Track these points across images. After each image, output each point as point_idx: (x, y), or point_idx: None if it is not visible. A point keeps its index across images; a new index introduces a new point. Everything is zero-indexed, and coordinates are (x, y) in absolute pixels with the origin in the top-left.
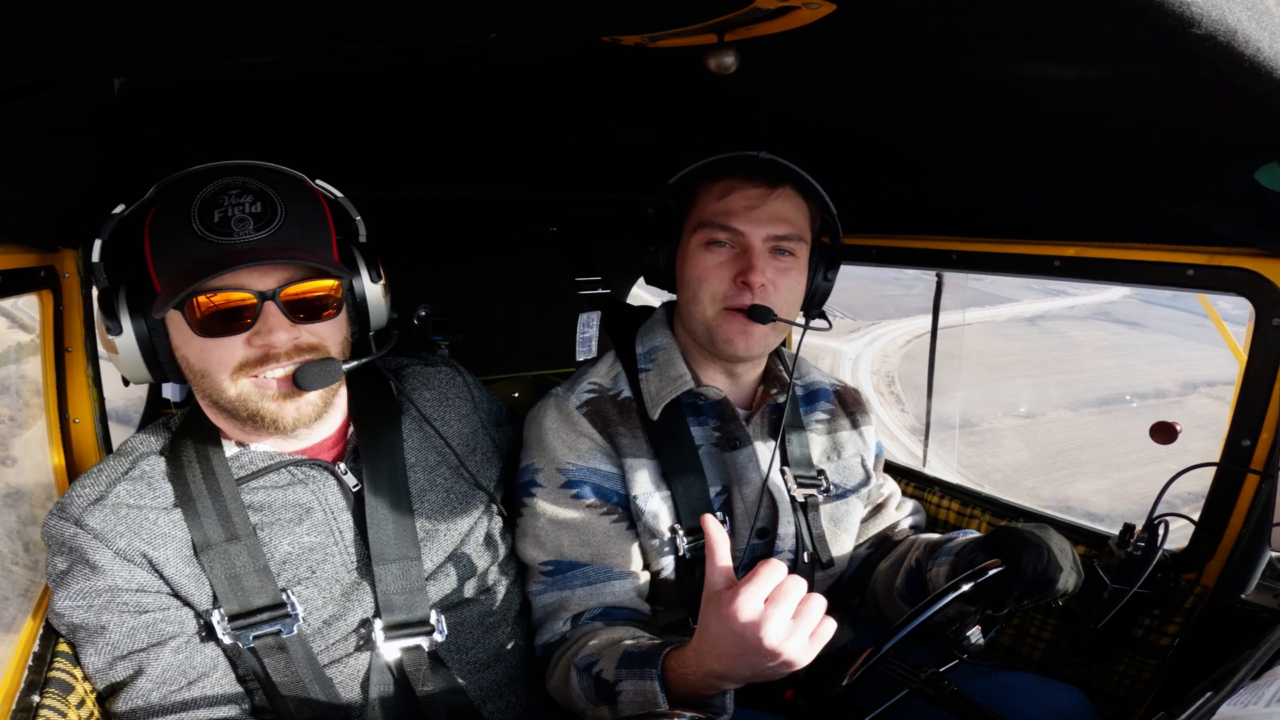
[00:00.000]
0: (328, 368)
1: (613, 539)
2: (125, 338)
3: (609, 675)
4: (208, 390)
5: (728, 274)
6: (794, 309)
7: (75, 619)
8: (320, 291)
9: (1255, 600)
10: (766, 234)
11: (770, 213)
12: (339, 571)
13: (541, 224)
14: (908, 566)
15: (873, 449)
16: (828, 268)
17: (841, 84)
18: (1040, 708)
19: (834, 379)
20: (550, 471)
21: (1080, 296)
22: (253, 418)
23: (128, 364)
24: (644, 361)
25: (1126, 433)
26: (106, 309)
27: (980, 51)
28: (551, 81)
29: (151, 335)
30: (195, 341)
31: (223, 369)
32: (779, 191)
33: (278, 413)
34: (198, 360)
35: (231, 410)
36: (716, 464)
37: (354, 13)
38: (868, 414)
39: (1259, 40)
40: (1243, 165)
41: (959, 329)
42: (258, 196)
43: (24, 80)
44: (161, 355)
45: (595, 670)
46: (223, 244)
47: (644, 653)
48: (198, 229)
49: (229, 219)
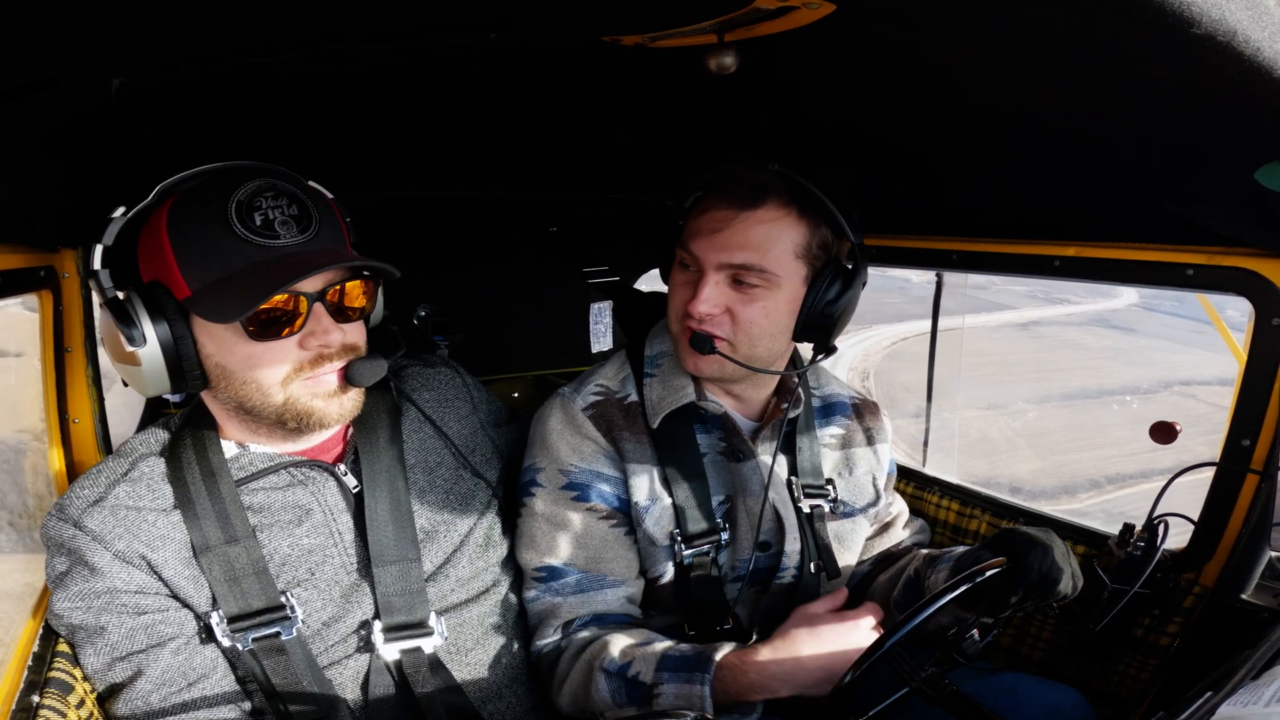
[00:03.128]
0: (375, 363)
1: (609, 545)
2: (149, 347)
3: (647, 678)
4: (247, 397)
5: (688, 295)
6: (764, 338)
7: (74, 620)
8: (356, 291)
9: (1255, 600)
10: (720, 261)
11: (731, 239)
12: (338, 573)
13: (541, 224)
14: (906, 576)
15: (885, 467)
16: (836, 287)
17: (841, 84)
18: (1040, 708)
19: (853, 391)
20: (552, 472)
21: (1081, 305)
22: (300, 419)
23: (151, 376)
24: (650, 366)
25: (1081, 424)
26: (123, 317)
27: (980, 50)
28: (551, 81)
29: (178, 343)
30: (242, 347)
31: (275, 374)
32: (752, 214)
33: (325, 410)
34: (243, 366)
35: (272, 416)
36: (722, 473)
37: (353, 12)
38: (885, 429)
39: (1259, 40)
40: (1243, 165)
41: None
42: (291, 199)
43: (24, 80)
44: (187, 363)
45: (631, 674)
46: (272, 247)
47: (690, 657)
48: (240, 231)
49: (271, 221)
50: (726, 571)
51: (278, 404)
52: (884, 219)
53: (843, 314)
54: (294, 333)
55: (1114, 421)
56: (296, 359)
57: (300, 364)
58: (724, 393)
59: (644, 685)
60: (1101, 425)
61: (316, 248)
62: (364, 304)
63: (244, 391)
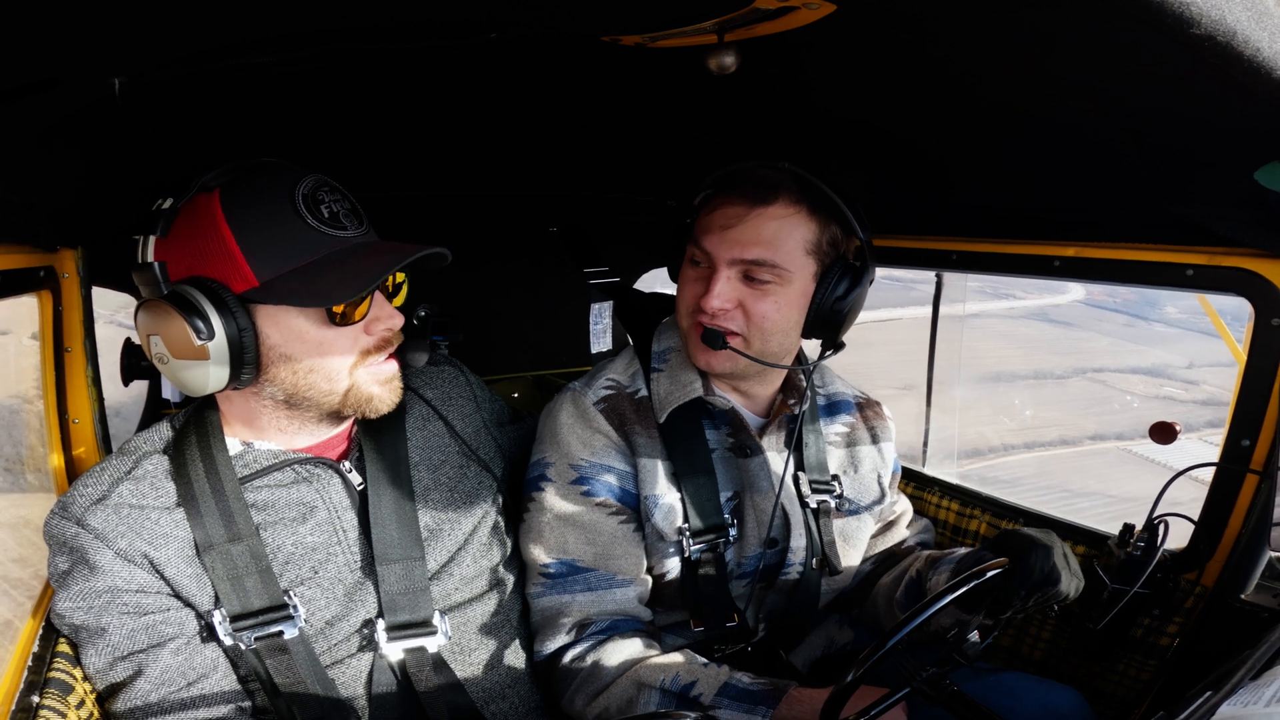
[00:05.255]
0: (419, 344)
1: (618, 541)
2: (218, 341)
3: (707, 699)
4: (311, 385)
5: (700, 291)
6: (776, 333)
7: (76, 620)
8: (398, 280)
9: (1255, 600)
10: (732, 257)
11: (744, 234)
12: (342, 571)
13: (542, 224)
14: (908, 578)
15: (890, 466)
16: (845, 283)
17: (841, 84)
18: (1040, 708)
19: (857, 391)
20: (562, 466)
21: (1025, 300)
22: (361, 404)
23: (216, 370)
24: (658, 361)
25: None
26: (191, 310)
27: (980, 51)
28: (552, 82)
29: (242, 335)
30: (315, 333)
31: (344, 360)
32: (764, 210)
33: (383, 396)
34: (313, 353)
35: (334, 403)
36: (730, 469)
37: (354, 12)
38: (889, 428)
39: (1259, 40)
40: (1243, 165)
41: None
42: (342, 194)
43: (25, 80)
44: (249, 355)
45: (692, 694)
46: (343, 238)
47: (755, 691)
48: (313, 223)
49: (337, 214)
50: (733, 568)
51: (342, 390)
52: (884, 219)
53: (851, 310)
54: (361, 319)
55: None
56: (364, 344)
57: (367, 349)
58: (731, 389)
59: (701, 705)
60: (1005, 404)
61: (374, 239)
62: (401, 292)
63: (309, 380)
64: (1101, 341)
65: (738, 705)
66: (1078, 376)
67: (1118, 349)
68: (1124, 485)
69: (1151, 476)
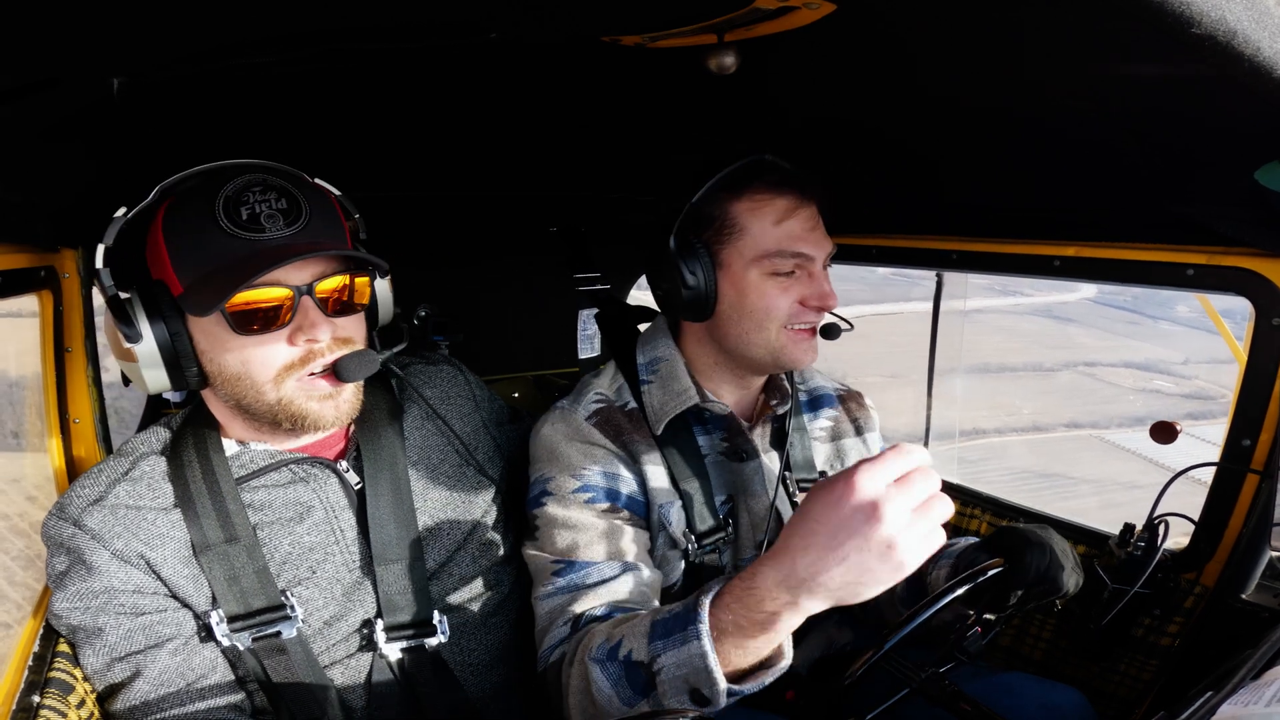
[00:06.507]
0: (366, 358)
1: (629, 541)
2: (146, 344)
3: (641, 655)
4: (242, 395)
5: (795, 298)
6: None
7: (73, 620)
8: (349, 285)
9: (1255, 600)
10: (826, 254)
11: (820, 230)
12: (340, 571)
13: (542, 224)
14: None
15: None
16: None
17: (842, 84)
18: (1040, 708)
19: (838, 383)
20: (563, 479)
21: (1032, 297)
22: (294, 420)
23: (150, 373)
24: (645, 372)
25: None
26: (122, 316)
27: (980, 50)
28: (552, 82)
29: (174, 340)
30: (233, 343)
31: (266, 370)
32: (814, 206)
33: (320, 413)
34: (235, 363)
35: (268, 415)
36: (723, 473)
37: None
38: (872, 418)
39: (1259, 40)
40: (1243, 165)
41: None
42: (280, 193)
43: (25, 80)
44: (184, 360)
45: (623, 655)
46: (256, 240)
47: (677, 614)
48: (226, 226)
49: (258, 215)
50: (730, 571)
51: (271, 402)
52: (884, 218)
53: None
54: (282, 326)
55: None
56: (287, 356)
57: (291, 361)
58: (734, 387)
59: (641, 664)
60: (989, 393)
61: (304, 240)
62: (358, 298)
63: (238, 389)
64: (1101, 338)
65: (671, 642)
66: (1067, 370)
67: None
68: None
69: (1118, 461)
